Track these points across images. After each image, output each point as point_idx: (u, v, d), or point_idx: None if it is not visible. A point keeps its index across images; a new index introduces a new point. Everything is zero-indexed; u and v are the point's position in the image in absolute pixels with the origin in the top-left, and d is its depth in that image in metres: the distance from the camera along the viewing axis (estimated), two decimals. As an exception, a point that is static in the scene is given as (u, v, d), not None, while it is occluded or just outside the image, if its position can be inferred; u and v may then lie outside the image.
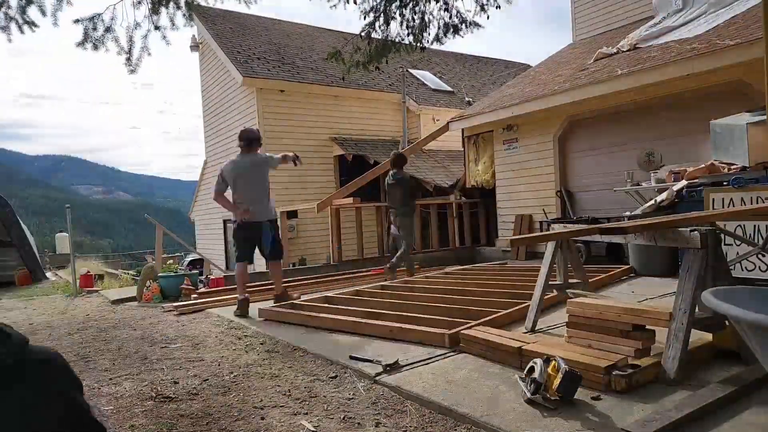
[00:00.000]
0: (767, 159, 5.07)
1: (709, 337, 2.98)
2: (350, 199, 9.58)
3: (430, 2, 6.01)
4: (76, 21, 4.89)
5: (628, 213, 6.43)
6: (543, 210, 8.49)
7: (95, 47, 4.97)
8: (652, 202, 6.08)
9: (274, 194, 5.70)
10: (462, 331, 3.45)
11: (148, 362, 3.79)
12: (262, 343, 4.12)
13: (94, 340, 4.66)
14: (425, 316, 4.16)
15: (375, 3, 5.97)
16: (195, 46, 15.13)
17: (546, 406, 2.38)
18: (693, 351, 2.79)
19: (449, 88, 15.96)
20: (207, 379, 3.28)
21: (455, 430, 2.36)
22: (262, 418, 2.61)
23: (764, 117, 4.96)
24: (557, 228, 3.82)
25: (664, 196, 5.89)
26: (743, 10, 7.51)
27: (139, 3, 4.96)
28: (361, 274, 8.01)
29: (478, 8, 6.21)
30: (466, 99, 15.37)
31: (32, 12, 4.66)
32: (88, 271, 9.39)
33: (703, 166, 5.70)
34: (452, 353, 3.35)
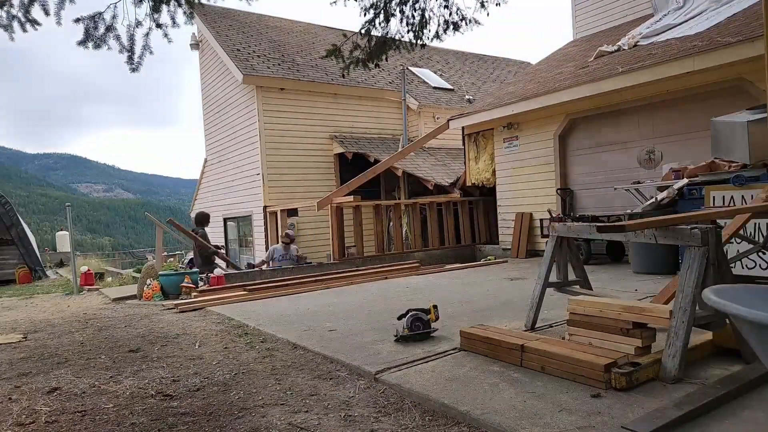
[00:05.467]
0: (768, 157, 5.07)
1: (709, 335, 2.98)
2: (350, 198, 9.58)
3: (430, -1, 5.99)
4: (77, 20, 4.87)
5: (629, 211, 6.43)
6: (549, 211, 8.46)
7: (97, 46, 4.95)
8: (653, 200, 6.08)
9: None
10: (462, 329, 3.45)
11: (148, 360, 3.80)
12: (262, 341, 4.13)
13: (94, 339, 4.66)
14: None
15: (375, 0, 5.95)
16: (195, 45, 15.12)
17: (547, 406, 2.39)
18: (693, 349, 2.79)
19: (449, 86, 15.94)
20: (208, 377, 3.29)
21: (455, 428, 2.36)
22: (263, 416, 2.61)
23: (765, 115, 4.96)
24: (558, 227, 3.82)
25: (664, 194, 5.89)
26: (744, 7, 7.49)
27: (140, 1, 4.93)
28: (360, 272, 8.01)
29: (478, 5, 6.19)
30: (467, 97, 15.35)
31: (35, 11, 4.65)
32: (89, 270, 9.40)
33: (703, 163, 5.70)
34: (452, 351, 3.35)
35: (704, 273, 2.65)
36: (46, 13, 4.62)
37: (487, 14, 6.30)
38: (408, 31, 6.10)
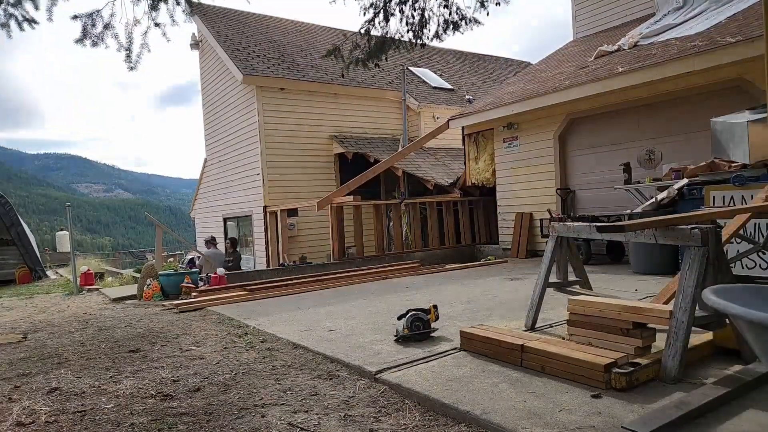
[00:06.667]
0: (768, 157, 5.06)
1: (709, 335, 2.98)
2: (350, 197, 9.58)
3: (430, -1, 5.99)
4: (75, 17, 4.87)
5: (629, 211, 6.43)
6: (549, 211, 8.45)
7: (94, 44, 4.95)
8: (653, 200, 6.08)
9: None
10: (462, 329, 3.45)
11: (148, 360, 3.80)
12: (262, 341, 4.13)
13: (94, 339, 4.66)
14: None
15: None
16: (195, 44, 15.12)
17: (547, 406, 2.38)
18: (693, 349, 2.79)
19: (449, 86, 15.94)
20: (207, 377, 3.29)
21: (455, 427, 2.36)
22: (263, 416, 2.61)
23: (765, 115, 4.96)
24: (558, 227, 3.82)
25: (664, 194, 5.89)
26: (744, 7, 7.49)
27: (139, -1, 4.93)
28: (360, 272, 8.00)
29: (478, 4, 6.18)
30: (467, 97, 15.35)
31: (27, 6, 4.64)
32: (89, 270, 9.39)
33: (703, 163, 5.70)
34: (452, 351, 3.35)
35: (704, 273, 2.65)
36: (36, 7, 4.61)
37: (487, 14, 6.29)
38: (408, 31, 6.11)
